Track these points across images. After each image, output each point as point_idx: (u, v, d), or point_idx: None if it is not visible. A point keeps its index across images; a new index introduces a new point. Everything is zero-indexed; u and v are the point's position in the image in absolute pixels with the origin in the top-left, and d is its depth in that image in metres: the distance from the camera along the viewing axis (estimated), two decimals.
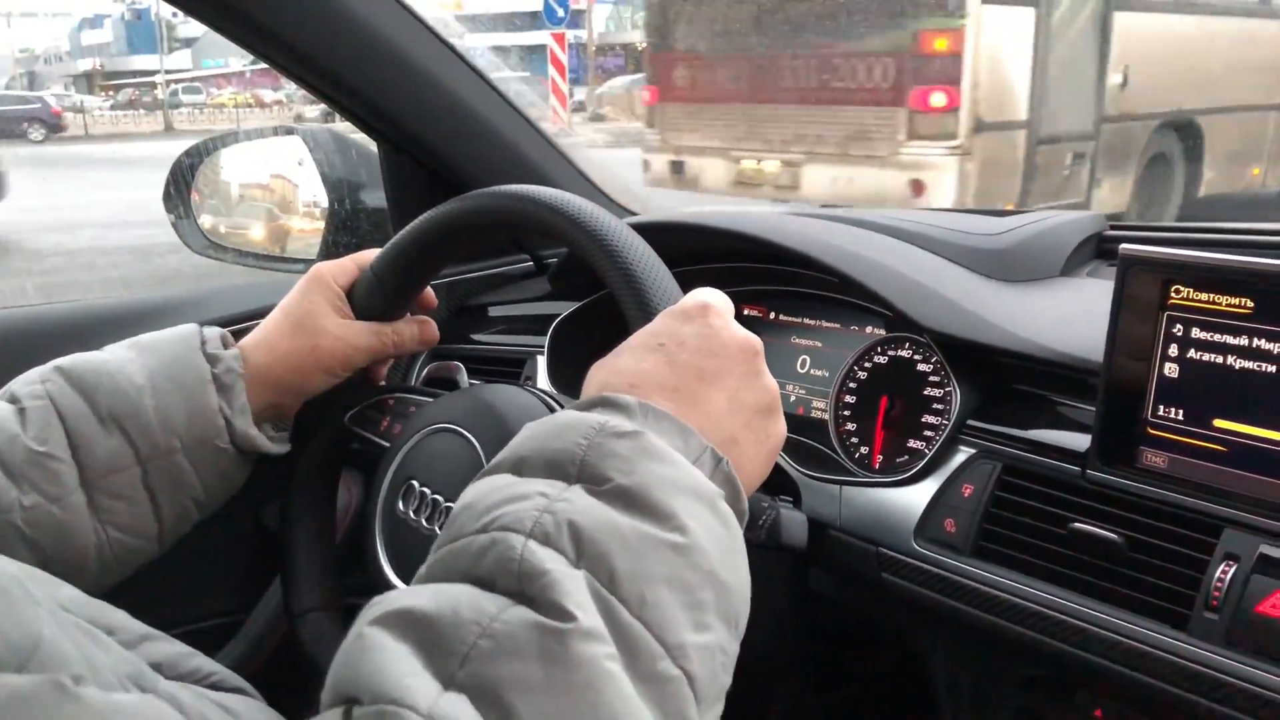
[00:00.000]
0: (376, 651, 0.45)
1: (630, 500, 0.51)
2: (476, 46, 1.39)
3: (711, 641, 0.50)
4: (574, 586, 0.46)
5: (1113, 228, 1.25)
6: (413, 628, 0.45)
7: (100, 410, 0.83)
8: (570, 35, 17.25)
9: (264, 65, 1.34)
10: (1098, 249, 1.23)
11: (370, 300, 0.99)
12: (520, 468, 0.54)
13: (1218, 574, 0.77)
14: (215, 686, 0.64)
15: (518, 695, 0.43)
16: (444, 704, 0.42)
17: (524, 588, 0.46)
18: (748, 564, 0.56)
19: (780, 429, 0.66)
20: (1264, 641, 0.75)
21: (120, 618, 0.63)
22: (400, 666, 0.44)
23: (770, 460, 0.66)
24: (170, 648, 0.64)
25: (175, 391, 0.87)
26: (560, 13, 14.65)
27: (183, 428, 0.86)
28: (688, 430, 0.57)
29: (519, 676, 0.43)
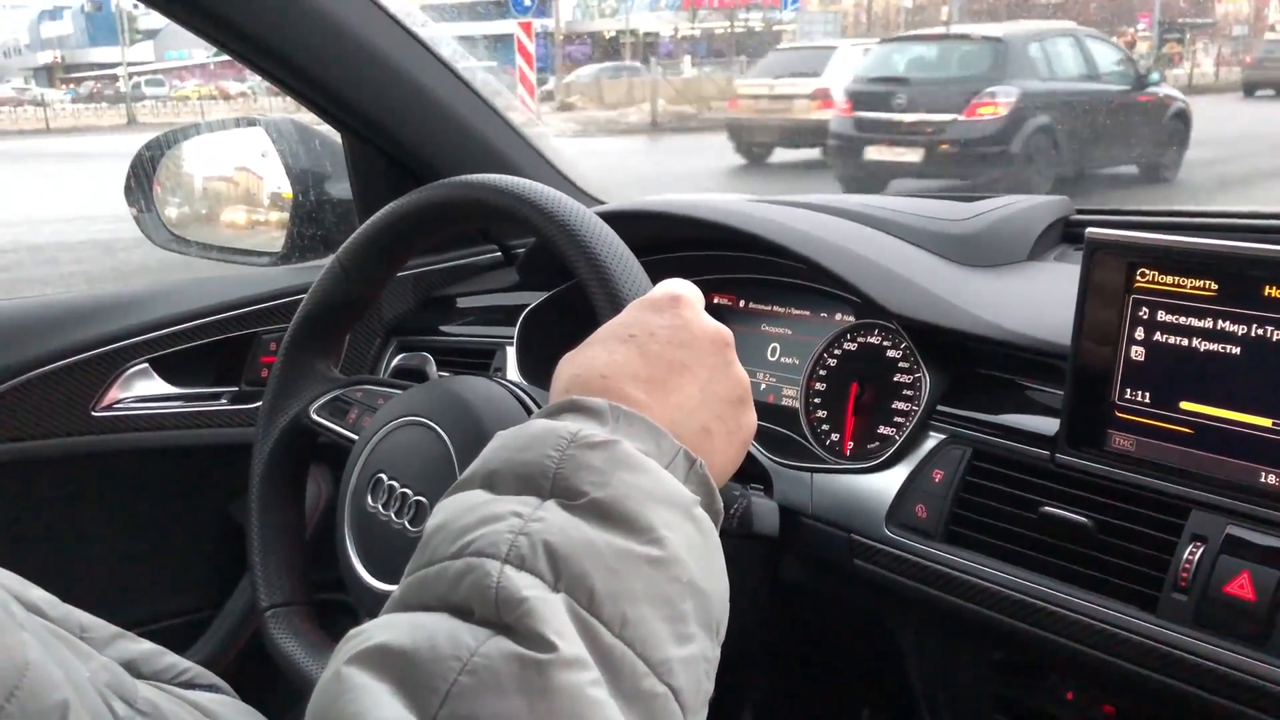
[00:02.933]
0: (356, 692, 0.43)
1: (605, 514, 0.50)
2: (442, 36, 1.38)
3: (695, 652, 0.49)
4: (553, 612, 0.45)
5: (1079, 212, 1.26)
6: (391, 665, 0.44)
7: None
8: (537, 24, 17.18)
9: (225, 58, 1.32)
10: (1064, 233, 1.24)
11: (336, 292, 0.98)
12: (492, 482, 0.53)
13: (1185, 555, 0.78)
14: (189, 684, 0.63)
15: None
16: None
17: (502, 616, 0.45)
18: (724, 566, 0.55)
19: (752, 420, 0.66)
20: (1231, 622, 0.75)
21: (89, 618, 0.62)
22: (381, 709, 0.42)
23: (742, 451, 0.65)
24: (140, 646, 0.63)
25: None
26: (527, 1, 14.59)
27: None
28: (660, 433, 0.56)
29: (502, 712, 0.42)
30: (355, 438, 0.95)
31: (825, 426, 1.09)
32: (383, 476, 0.89)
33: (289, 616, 0.98)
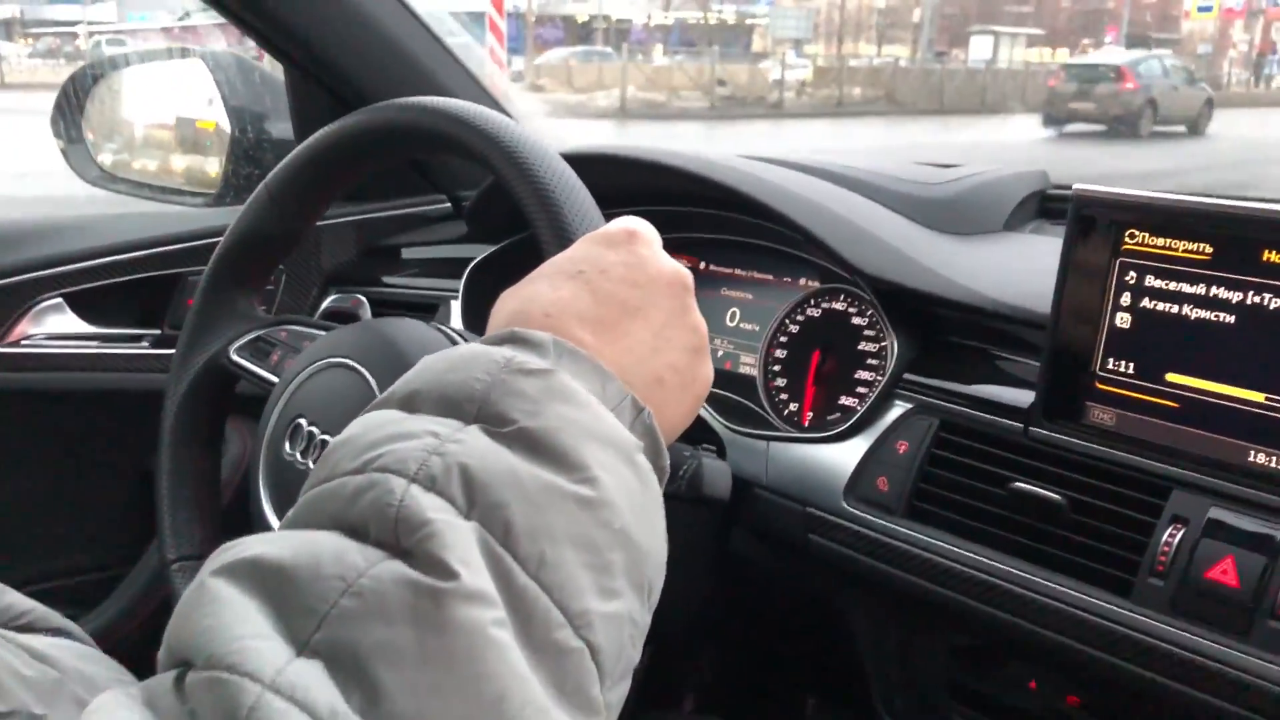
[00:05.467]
0: (216, 605, 0.38)
1: (534, 445, 0.44)
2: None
3: (620, 610, 0.43)
4: (459, 539, 0.39)
5: (1056, 186, 1.20)
6: (264, 580, 0.38)
7: None
8: (509, 4, 17.04)
9: (190, 23, 1.23)
10: (1041, 207, 1.19)
11: (263, 222, 0.90)
12: (411, 403, 0.47)
13: (1165, 537, 0.73)
14: (28, 627, 0.55)
15: (383, 664, 0.36)
16: (292, 672, 0.35)
17: (401, 539, 0.39)
18: (664, 525, 0.49)
19: (707, 372, 0.60)
20: (1211, 609, 0.70)
21: None
22: (243, 625, 0.37)
23: (695, 406, 0.59)
24: None
25: None
26: None
27: None
28: (606, 374, 0.50)
29: (386, 642, 0.36)
30: (276, 380, 0.87)
31: (784, 395, 1.03)
32: (302, 422, 0.81)
33: (196, 571, 0.90)
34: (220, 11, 1.22)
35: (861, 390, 0.97)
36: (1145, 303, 0.76)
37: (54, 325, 1.22)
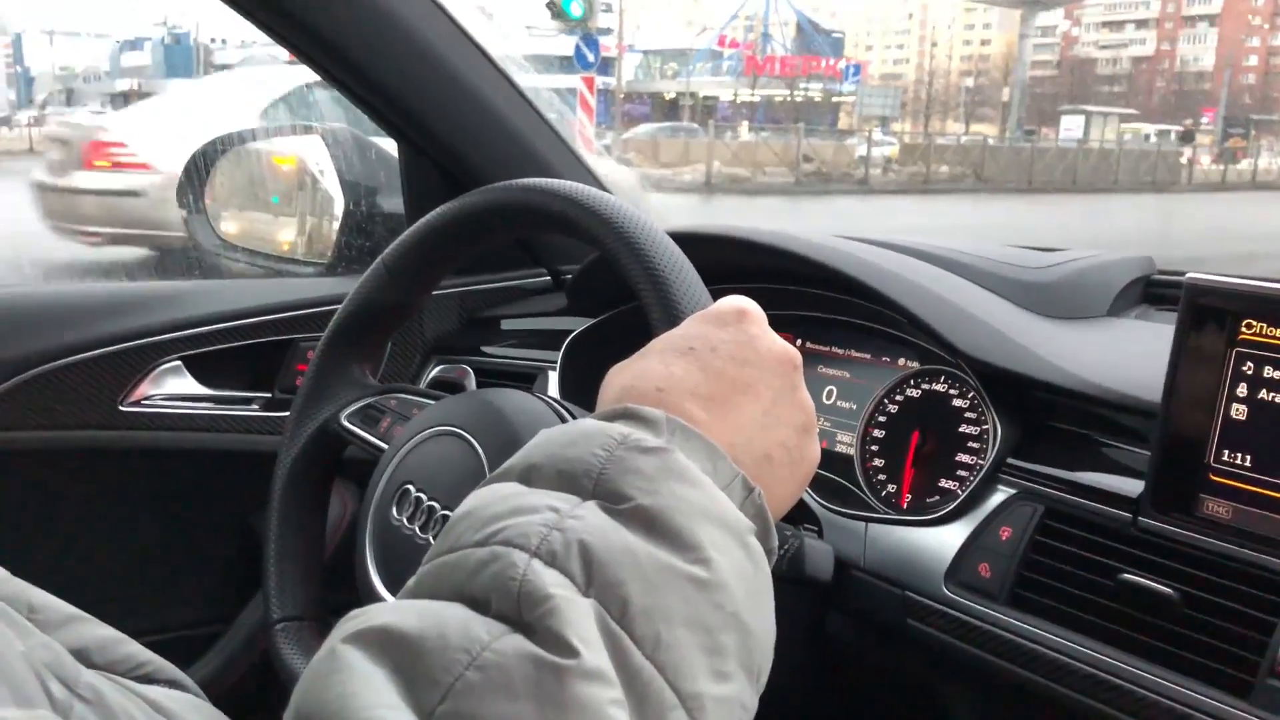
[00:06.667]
0: (348, 673, 0.39)
1: (651, 524, 0.45)
2: (512, 55, 1.35)
3: (731, 694, 0.44)
4: (579, 616, 0.40)
5: (1161, 272, 1.19)
6: (392, 649, 0.39)
7: None
8: (600, 81, 17.46)
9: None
10: (1145, 293, 1.17)
11: (379, 294, 0.93)
12: (530, 476, 0.48)
13: None
14: (147, 678, 0.57)
15: None
16: None
17: (523, 613, 0.40)
18: (773, 608, 0.49)
19: (815, 451, 0.60)
20: None
21: (43, 598, 0.57)
22: (373, 694, 0.38)
23: (803, 485, 0.60)
24: (100, 632, 0.58)
25: None
26: (590, 57, 14.85)
27: None
28: (718, 453, 0.51)
29: (508, 716, 0.37)
30: (385, 447, 0.90)
31: (882, 476, 1.02)
32: (410, 488, 0.84)
33: (299, 631, 0.92)
34: (341, 90, 1.28)
35: (962, 474, 0.96)
36: (1263, 394, 0.75)
37: (172, 386, 1.28)
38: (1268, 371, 0.74)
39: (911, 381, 1.03)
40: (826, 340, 1.14)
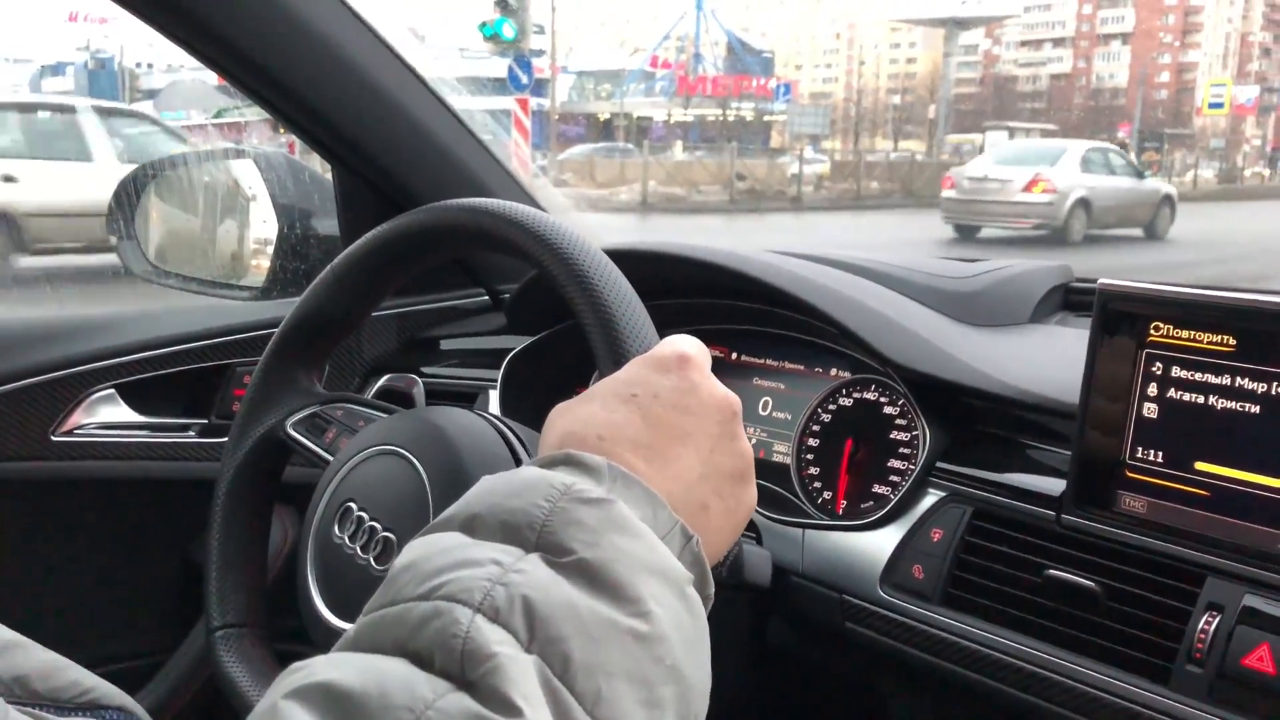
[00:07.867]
0: None
1: (593, 577, 0.45)
2: (445, 78, 1.36)
3: None
4: (522, 674, 0.41)
5: (1079, 280, 1.24)
6: (334, 707, 0.39)
7: None
8: (534, 102, 17.47)
9: (225, 120, 1.30)
10: (1064, 300, 1.22)
11: (327, 303, 0.93)
12: (473, 526, 0.48)
13: (1201, 625, 0.74)
14: (93, 704, 0.57)
15: None
16: None
17: (466, 671, 0.40)
18: (710, 656, 0.51)
19: (751, 498, 0.62)
20: (1250, 697, 0.71)
21: None
22: None
23: (737, 531, 0.61)
24: (41, 657, 0.57)
25: None
26: (523, 79, 14.86)
27: None
28: (658, 501, 0.52)
29: None
30: (330, 458, 0.90)
31: (818, 483, 1.05)
32: (352, 506, 0.84)
33: (239, 639, 0.91)
34: (273, 113, 1.28)
35: (894, 479, 0.98)
36: (1172, 393, 0.78)
37: (106, 415, 1.26)
38: (1175, 371, 0.78)
39: (844, 391, 1.06)
40: (761, 353, 1.16)
